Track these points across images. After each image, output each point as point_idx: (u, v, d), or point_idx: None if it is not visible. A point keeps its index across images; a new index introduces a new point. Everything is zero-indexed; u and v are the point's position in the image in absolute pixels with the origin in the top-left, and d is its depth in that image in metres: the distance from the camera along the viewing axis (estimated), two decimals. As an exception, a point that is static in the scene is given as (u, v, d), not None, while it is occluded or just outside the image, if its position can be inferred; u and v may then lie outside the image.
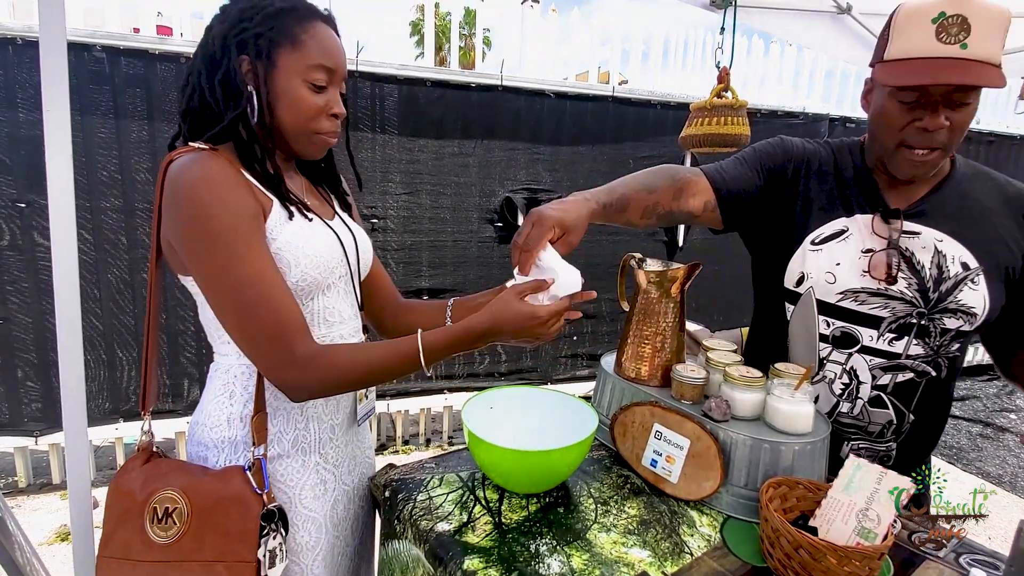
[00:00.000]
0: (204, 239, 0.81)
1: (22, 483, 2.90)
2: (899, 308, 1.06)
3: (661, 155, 3.68)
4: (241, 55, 0.86)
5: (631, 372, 1.19)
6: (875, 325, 1.09)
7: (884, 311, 1.07)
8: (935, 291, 1.04)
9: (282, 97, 0.89)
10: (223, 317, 0.84)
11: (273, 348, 0.82)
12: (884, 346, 1.09)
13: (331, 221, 1.01)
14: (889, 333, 1.08)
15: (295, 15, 0.88)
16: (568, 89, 3.40)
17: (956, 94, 0.93)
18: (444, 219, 3.28)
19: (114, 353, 2.77)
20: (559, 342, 3.69)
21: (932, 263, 1.04)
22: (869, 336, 1.09)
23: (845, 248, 1.11)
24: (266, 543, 0.85)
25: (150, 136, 2.66)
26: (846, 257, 1.10)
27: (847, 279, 1.10)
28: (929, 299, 1.04)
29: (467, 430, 1.01)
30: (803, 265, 1.14)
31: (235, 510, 0.85)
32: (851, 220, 1.11)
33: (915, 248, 1.06)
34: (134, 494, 0.89)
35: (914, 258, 1.05)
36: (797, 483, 0.94)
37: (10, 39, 2.42)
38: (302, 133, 0.92)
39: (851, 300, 1.10)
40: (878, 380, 1.11)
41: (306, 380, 0.84)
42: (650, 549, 0.89)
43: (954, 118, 0.95)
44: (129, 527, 0.88)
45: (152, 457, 0.96)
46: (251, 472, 0.88)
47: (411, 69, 3.08)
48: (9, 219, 2.54)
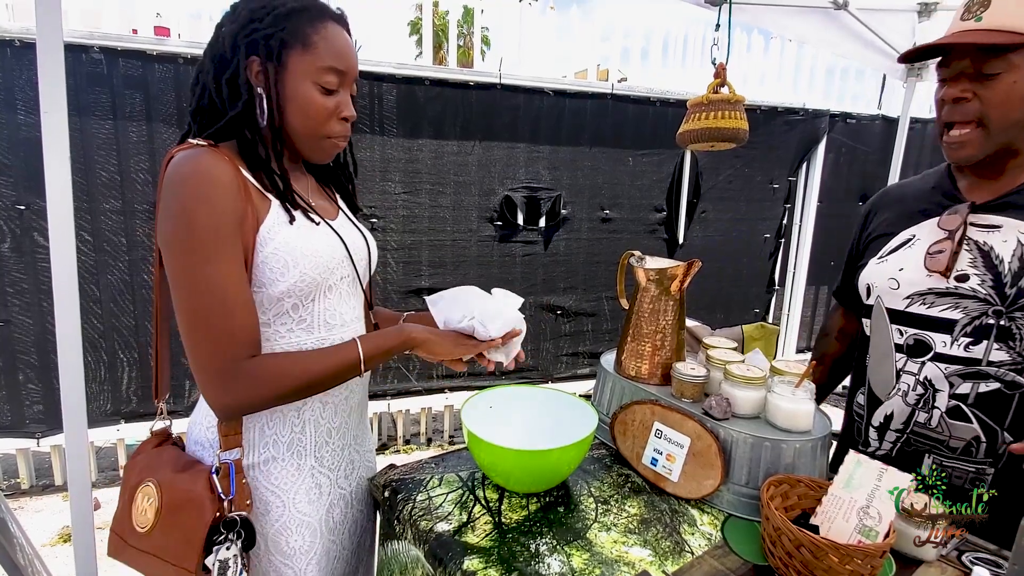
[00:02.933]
0: (180, 236, 0.80)
1: (24, 485, 2.90)
2: (972, 308, 0.99)
3: (661, 152, 3.67)
4: (251, 56, 0.86)
5: (631, 370, 1.18)
6: (948, 330, 1.01)
7: (956, 312, 1.00)
8: (1012, 286, 0.95)
9: (292, 100, 0.88)
10: (179, 316, 0.83)
11: (215, 359, 0.81)
12: (960, 352, 1.00)
13: (335, 221, 1.00)
14: (964, 337, 1.00)
15: (307, 15, 0.87)
16: (567, 87, 3.39)
17: (980, 65, 0.92)
18: (443, 218, 3.28)
19: (115, 354, 2.77)
20: (560, 341, 3.69)
21: (1014, 256, 0.96)
22: (942, 342, 1.02)
23: (910, 253, 1.07)
24: (218, 552, 0.83)
25: (148, 137, 2.66)
26: (910, 261, 1.06)
27: (912, 281, 1.05)
28: (1006, 296, 0.96)
29: (466, 430, 1.00)
30: (868, 278, 1.13)
31: (192, 512, 0.84)
32: (919, 227, 1.08)
33: (995, 242, 0.98)
34: (130, 479, 0.91)
35: (992, 252, 0.98)
36: (798, 481, 0.94)
37: (8, 41, 2.41)
38: (311, 137, 0.92)
39: (919, 304, 1.04)
40: (956, 389, 1.02)
41: (240, 397, 0.83)
42: (651, 548, 0.89)
43: (984, 93, 0.93)
44: (126, 510, 0.90)
45: (164, 443, 0.97)
46: (218, 476, 0.86)
47: (410, 68, 3.07)
48: (9, 221, 2.54)
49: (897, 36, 2.84)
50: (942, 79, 0.98)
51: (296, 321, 0.91)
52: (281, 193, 0.89)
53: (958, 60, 0.94)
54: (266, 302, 0.88)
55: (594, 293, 3.72)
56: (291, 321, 0.91)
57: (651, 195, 3.73)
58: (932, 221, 1.06)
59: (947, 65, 0.96)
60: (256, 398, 0.84)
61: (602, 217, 3.64)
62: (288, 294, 0.88)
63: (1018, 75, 0.90)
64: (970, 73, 0.93)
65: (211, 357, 0.81)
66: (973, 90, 0.93)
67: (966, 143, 0.97)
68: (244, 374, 0.82)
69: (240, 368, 0.82)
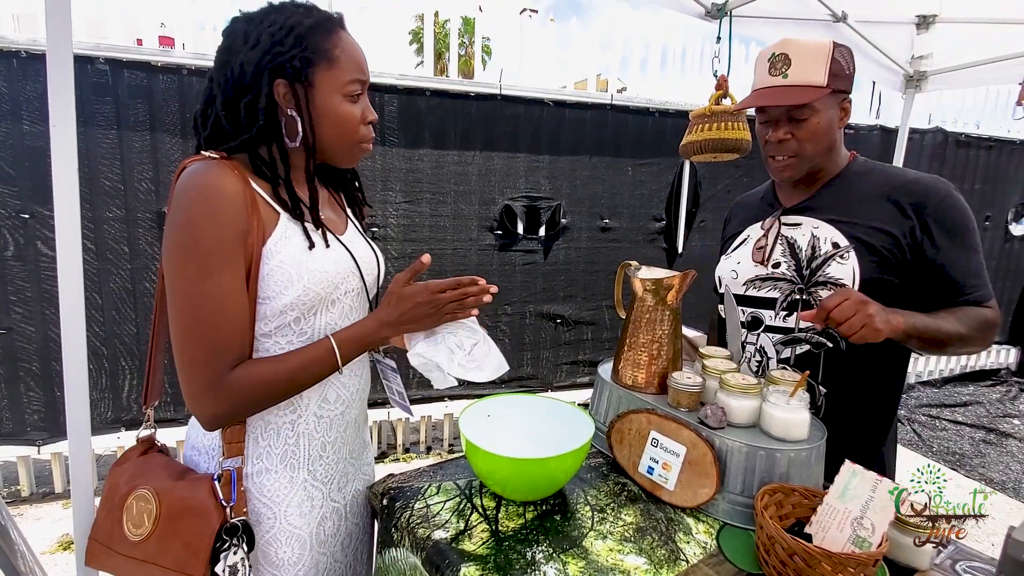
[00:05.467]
0: (184, 247, 0.81)
1: (25, 492, 2.90)
2: (785, 287, 1.25)
3: (660, 162, 3.69)
4: (276, 80, 0.87)
5: (628, 380, 1.20)
6: (772, 306, 1.28)
7: (775, 292, 1.27)
8: (807, 268, 1.22)
9: (324, 115, 0.90)
10: (172, 325, 0.84)
11: (203, 371, 0.82)
12: (780, 323, 1.27)
13: (344, 234, 1.01)
14: (782, 311, 1.26)
15: (322, 30, 0.89)
16: (567, 97, 3.42)
17: (792, 111, 1.17)
18: (444, 227, 3.30)
19: (116, 362, 2.79)
20: (559, 349, 3.70)
21: (808, 245, 1.23)
22: (769, 316, 1.28)
23: (744, 249, 1.36)
24: (226, 558, 0.84)
25: (152, 147, 2.68)
26: (744, 255, 1.35)
27: (746, 270, 1.33)
28: (803, 275, 1.22)
29: (464, 438, 1.01)
30: (719, 271, 1.43)
31: (196, 521, 0.85)
32: (750, 228, 1.38)
33: (796, 236, 1.26)
34: (119, 486, 0.90)
35: (796, 244, 1.25)
36: (792, 490, 0.95)
37: (14, 52, 2.45)
38: (344, 146, 0.94)
39: (752, 288, 1.31)
40: (781, 354, 1.27)
41: (224, 408, 0.84)
42: (646, 556, 0.90)
43: (797, 132, 1.19)
44: (112, 517, 0.89)
45: (150, 450, 0.97)
46: (220, 483, 0.87)
47: (411, 79, 3.10)
48: (14, 229, 2.56)
49: (896, 48, 2.86)
50: (763, 122, 1.24)
51: (297, 334, 0.92)
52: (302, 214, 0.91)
53: (775, 108, 1.19)
54: (269, 314, 0.88)
55: (594, 302, 3.73)
56: (292, 334, 0.91)
57: (650, 205, 3.75)
58: (758, 224, 1.35)
59: (767, 110, 1.21)
60: (240, 408, 0.86)
61: (601, 226, 3.65)
62: (291, 307, 0.88)
63: (821, 116, 1.17)
64: (786, 119, 1.19)
65: (198, 368, 0.82)
66: (791, 131, 1.19)
67: (786, 168, 1.23)
68: (227, 385, 0.83)
69: (224, 380, 0.83)
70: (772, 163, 1.26)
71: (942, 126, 4.62)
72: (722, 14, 2.37)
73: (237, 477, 0.89)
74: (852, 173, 1.26)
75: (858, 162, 1.28)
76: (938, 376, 5.26)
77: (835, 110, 1.19)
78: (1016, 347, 5.51)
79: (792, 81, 1.15)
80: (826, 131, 1.19)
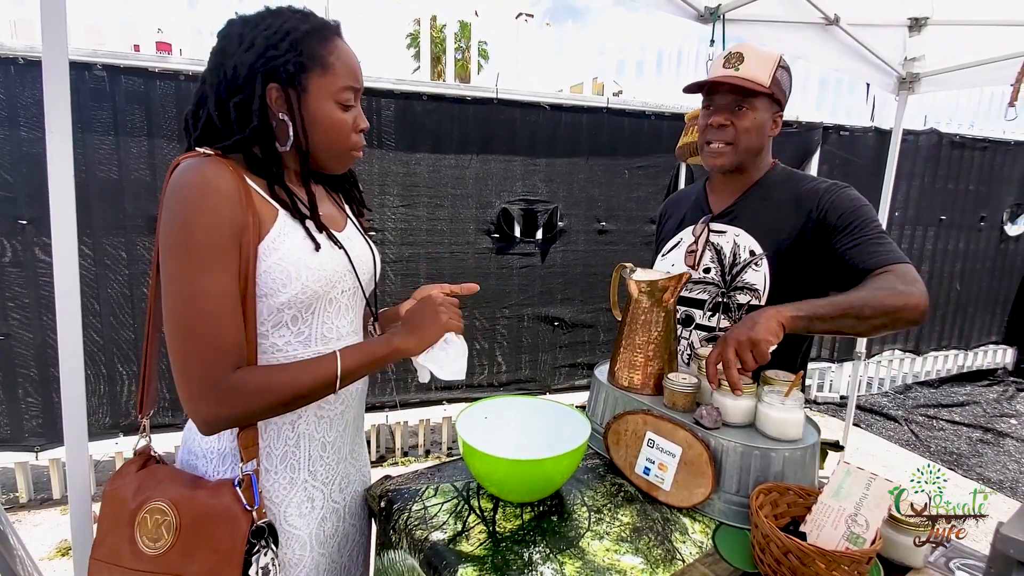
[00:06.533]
0: (178, 243, 0.80)
1: (23, 498, 2.89)
2: (711, 290, 1.35)
3: (656, 165, 3.71)
4: (269, 83, 0.87)
5: (624, 381, 1.20)
6: (701, 307, 1.37)
7: (704, 294, 1.36)
8: (728, 273, 1.32)
9: (316, 121, 0.90)
10: (167, 324, 0.82)
11: (201, 370, 0.80)
12: (707, 322, 1.36)
13: (343, 232, 1.01)
14: (709, 311, 1.36)
15: (318, 36, 0.89)
16: (563, 101, 3.43)
17: (735, 101, 1.25)
18: (441, 231, 3.31)
19: (114, 368, 2.79)
20: (557, 352, 3.71)
21: (730, 252, 1.32)
22: (699, 315, 1.38)
23: (677, 253, 1.45)
24: (258, 560, 0.84)
25: (149, 152, 2.69)
26: (679, 258, 1.43)
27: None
28: (726, 280, 1.32)
29: (461, 439, 1.02)
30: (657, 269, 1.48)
31: (224, 527, 0.83)
32: (683, 232, 1.45)
33: (722, 243, 1.34)
34: (126, 501, 0.87)
35: (722, 251, 1.34)
36: (787, 489, 0.95)
37: (11, 59, 2.45)
38: (335, 152, 0.94)
39: (685, 289, 1.39)
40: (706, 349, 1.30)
41: (224, 411, 0.82)
42: (642, 556, 0.90)
43: (737, 122, 1.26)
44: (120, 534, 0.86)
45: (148, 463, 0.95)
46: (240, 488, 0.86)
47: (407, 84, 3.11)
48: (11, 236, 2.56)
49: (889, 50, 2.89)
50: (707, 107, 1.32)
51: (294, 334, 0.92)
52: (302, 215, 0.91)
53: (722, 96, 1.27)
54: (266, 312, 0.88)
55: (591, 304, 3.74)
56: (289, 333, 0.91)
57: (647, 207, 3.76)
58: (690, 228, 1.43)
59: (713, 98, 1.29)
60: (240, 412, 0.83)
61: (598, 229, 3.67)
62: (289, 305, 0.88)
63: (759, 114, 1.26)
64: (729, 107, 1.26)
65: (197, 367, 0.80)
66: (731, 119, 1.27)
67: (720, 155, 1.30)
68: (228, 388, 0.81)
69: (225, 382, 0.81)
70: (707, 149, 1.32)
71: (937, 127, 4.65)
72: (715, 17, 2.39)
73: (256, 480, 0.88)
74: (770, 182, 1.34)
75: (777, 171, 1.35)
76: (935, 376, 5.28)
77: (770, 115, 1.28)
78: (1013, 347, 5.53)
79: (743, 74, 1.24)
80: (760, 129, 1.27)
